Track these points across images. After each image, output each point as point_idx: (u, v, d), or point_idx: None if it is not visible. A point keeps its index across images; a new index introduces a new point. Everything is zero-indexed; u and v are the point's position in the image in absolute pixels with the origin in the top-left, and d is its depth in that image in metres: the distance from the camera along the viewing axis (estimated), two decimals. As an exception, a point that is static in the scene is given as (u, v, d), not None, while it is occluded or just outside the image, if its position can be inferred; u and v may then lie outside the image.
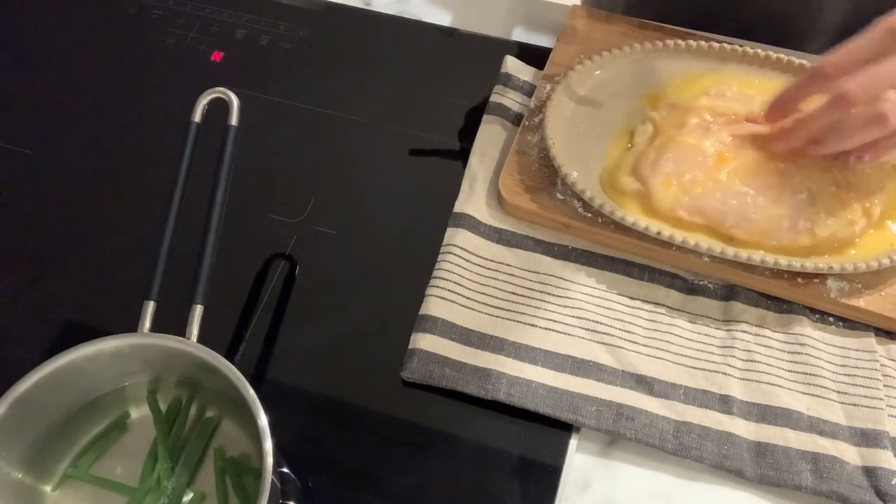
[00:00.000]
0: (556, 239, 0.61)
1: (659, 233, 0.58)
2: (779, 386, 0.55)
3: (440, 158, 0.67)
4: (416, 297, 0.59)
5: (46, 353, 0.47)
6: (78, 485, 0.50)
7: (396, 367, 0.56)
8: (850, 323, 0.58)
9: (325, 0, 0.78)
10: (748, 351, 0.57)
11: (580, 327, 0.57)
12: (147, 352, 0.49)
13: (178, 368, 0.50)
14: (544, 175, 0.62)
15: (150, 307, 0.49)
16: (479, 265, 0.60)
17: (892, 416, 0.54)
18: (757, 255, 0.57)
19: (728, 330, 0.58)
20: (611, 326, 0.57)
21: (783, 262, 0.56)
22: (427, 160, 0.67)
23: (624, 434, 0.53)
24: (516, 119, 0.67)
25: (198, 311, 0.49)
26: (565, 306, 0.58)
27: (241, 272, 0.61)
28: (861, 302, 0.57)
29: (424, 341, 0.56)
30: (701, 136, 0.59)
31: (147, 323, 0.49)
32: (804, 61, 0.65)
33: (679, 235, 0.58)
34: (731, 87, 0.63)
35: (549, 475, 0.53)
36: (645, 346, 0.57)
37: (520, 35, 0.75)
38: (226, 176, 0.52)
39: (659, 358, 0.56)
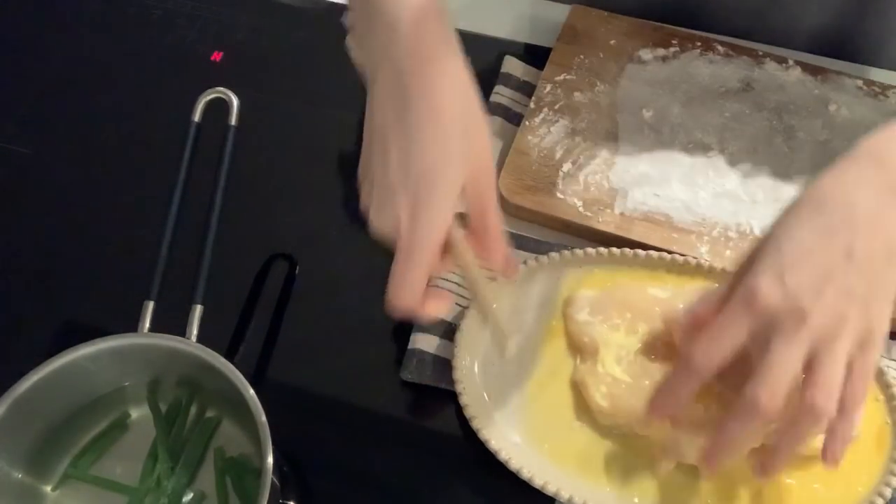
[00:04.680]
0: (556, 239, 0.61)
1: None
2: (779, 386, 0.55)
3: (440, 158, 0.67)
4: (416, 297, 0.59)
5: (46, 353, 0.47)
6: (78, 485, 0.50)
7: (396, 367, 0.56)
8: (850, 323, 0.58)
9: (325, 0, 0.78)
10: (748, 351, 0.56)
11: (580, 327, 0.57)
12: (147, 352, 0.49)
13: (178, 368, 0.50)
14: (544, 175, 0.62)
15: (150, 307, 0.49)
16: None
17: (892, 416, 0.54)
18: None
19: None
20: (611, 327, 0.57)
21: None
22: (427, 160, 0.67)
23: (624, 434, 0.53)
24: (516, 119, 0.67)
25: (198, 311, 0.49)
26: (565, 306, 0.58)
27: (241, 272, 0.61)
28: (861, 302, 0.57)
29: (424, 341, 0.56)
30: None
31: (147, 323, 0.49)
32: (709, 263, 0.56)
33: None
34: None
35: (549, 475, 0.53)
36: (645, 346, 0.56)
37: (520, 35, 0.75)
38: (226, 176, 0.52)
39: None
